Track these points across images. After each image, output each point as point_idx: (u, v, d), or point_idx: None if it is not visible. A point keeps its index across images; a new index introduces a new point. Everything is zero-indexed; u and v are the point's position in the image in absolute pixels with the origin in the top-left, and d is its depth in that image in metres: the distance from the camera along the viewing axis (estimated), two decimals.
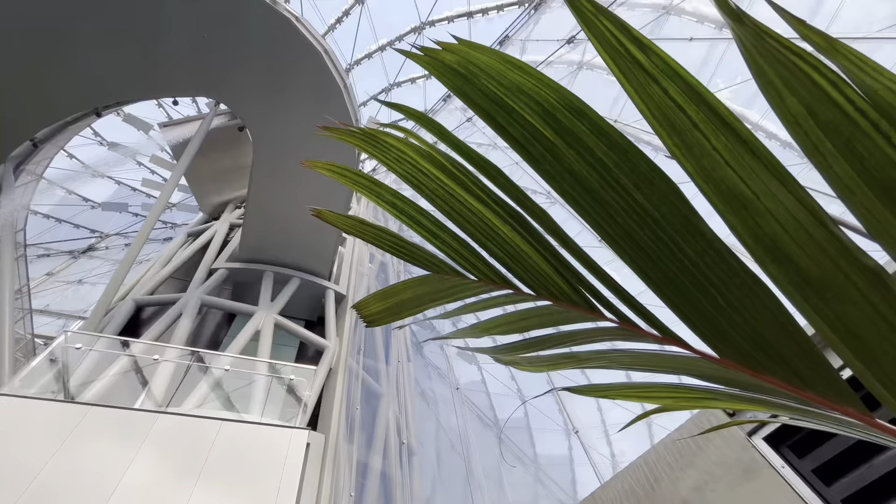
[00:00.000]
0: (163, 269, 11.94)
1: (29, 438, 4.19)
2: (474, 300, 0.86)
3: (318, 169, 0.92)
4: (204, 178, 15.16)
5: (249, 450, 4.93)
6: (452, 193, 0.75)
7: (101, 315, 8.25)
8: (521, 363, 0.99)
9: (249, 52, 9.69)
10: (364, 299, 1.10)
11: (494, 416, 21.07)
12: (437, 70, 0.63)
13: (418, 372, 18.23)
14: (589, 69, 15.28)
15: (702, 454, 2.15)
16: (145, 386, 7.31)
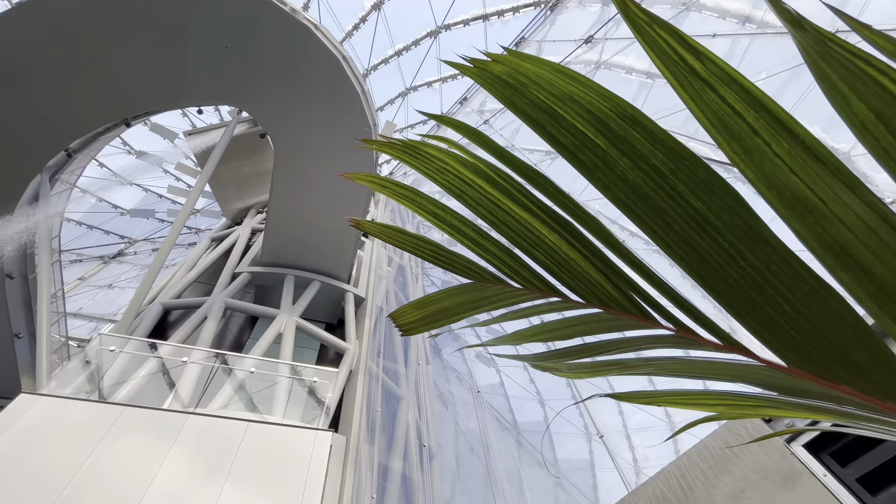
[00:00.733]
0: (188, 274, 12.27)
1: (68, 438, 4.37)
2: (517, 308, 0.86)
3: (359, 180, 0.94)
4: (226, 184, 15.56)
5: (275, 451, 5.02)
6: (497, 203, 0.76)
7: (132, 318, 8.53)
8: (562, 369, 0.99)
9: (270, 61, 9.91)
10: (400, 308, 1.11)
11: (513, 420, 20.93)
12: (486, 81, 0.63)
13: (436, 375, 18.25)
14: (607, 68, 15.11)
15: (737, 461, 2.09)
16: (173, 387, 7.52)
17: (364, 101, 10.74)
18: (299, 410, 7.83)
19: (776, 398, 0.61)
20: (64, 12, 8.72)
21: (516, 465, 19.01)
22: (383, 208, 18.40)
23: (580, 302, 0.73)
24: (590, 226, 0.67)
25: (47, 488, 3.90)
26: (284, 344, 9.90)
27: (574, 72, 0.59)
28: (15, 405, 4.50)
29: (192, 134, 14.97)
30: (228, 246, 13.62)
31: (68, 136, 10.11)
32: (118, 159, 18.54)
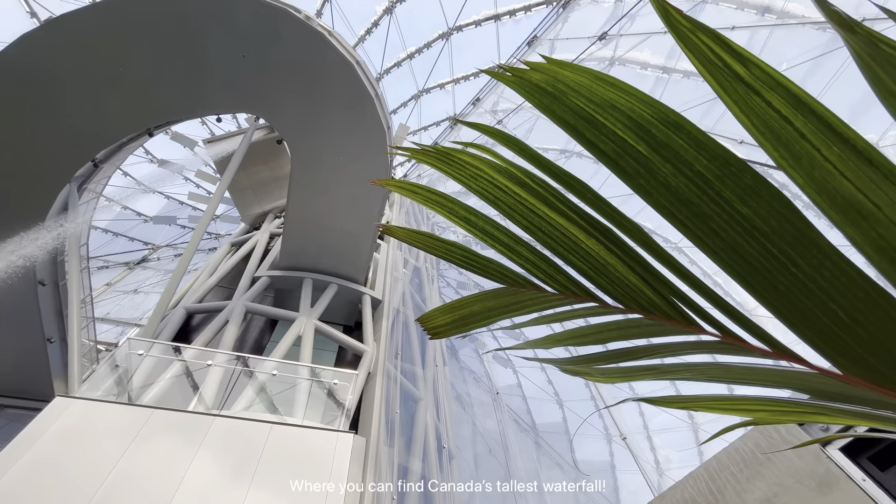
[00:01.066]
0: (210, 279, 12.54)
1: (101, 439, 4.52)
2: (551, 312, 0.86)
3: (390, 187, 0.95)
4: (244, 190, 15.87)
5: (298, 452, 5.10)
6: (532, 208, 0.76)
7: (157, 322, 8.76)
8: (593, 374, 0.98)
9: (286, 68, 10.08)
10: (428, 313, 1.12)
11: (532, 421, 20.78)
12: (525, 89, 0.64)
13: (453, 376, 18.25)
14: (621, 64, 14.91)
15: (770, 465, 2.04)
16: (197, 389, 7.69)
17: (378, 104, 10.83)
18: (319, 412, 7.93)
19: (827, 405, 0.60)
20: (88, 28, 9.03)
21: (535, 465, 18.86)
22: (398, 210, 18.50)
23: (619, 307, 0.72)
24: (629, 231, 0.67)
25: (82, 488, 4.04)
26: (304, 346, 10.04)
27: (614, 79, 0.59)
28: (51, 408, 4.68)
29: (210, 142, 15.33)
30: (248, 250, 13.89)
31: (95, 146, 10.45)
32: (141, 168, 19.16)
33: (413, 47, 17.96)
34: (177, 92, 10.21)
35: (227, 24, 9.41)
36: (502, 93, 16.95)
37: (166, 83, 9.98)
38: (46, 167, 10.08)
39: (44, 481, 4.04)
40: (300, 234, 12.14)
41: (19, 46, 9.02)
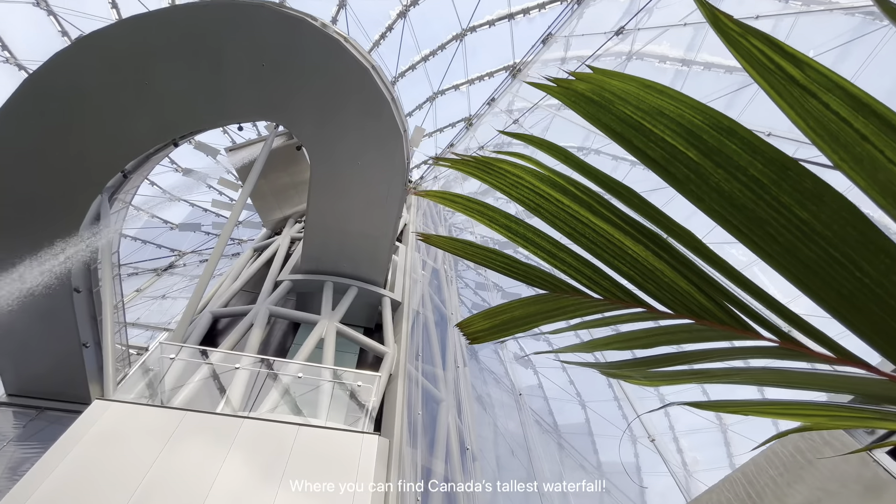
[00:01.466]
0: (234, 283, 12.85)
1: (137, 441, 4.69)
2: (595, 317, 0.86)
3: (430, 197, 0.97)
4: (266, 196, 16.21)
5: (325, 453, 5.18)
6: (575, 215, 0.76)
7: (186, 327, 9.02)
8: (636, 377, 0.98)
9: (304, 75, 10.26)
10: (468, 319, 1.13)
11: (553, 422, 20.57)
12: (570, 99, 0.64)
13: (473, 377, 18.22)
14: (639, 59, 14.65)
15: (812, 468, 1.97)
16: (224, 392, 7.88)
17: (394, 108, 10.92)
18: (342, 414, 8.03)
19: (885, 410, 0.59)
20: (116, 44, 9.38)
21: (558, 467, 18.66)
22: (415, 213, 18.59)
23: (668, 313, 0.72)
24: (679, 236, 0.67)
25: (122, 489, 4.20)
26: (326, 349, 10.18)
27: (663, 86, 0.59)
28: (90, 410, 4.88)
29: (232, 150, 15.72)
30: (270, 255, 14.17)
31: (124, 158, 10.84)
32: (167, 177, 19.83)
33: (427, 49, 18.05)
34: (200, 103, 10.51)
35: (247, 34, 9.64)
36: (517, 92, 16.87)
37: (190, 95, 10.28)
38: (79, 179, 10.50)
39: (86, 481, 4.22)
40: (320, 238, 12.33)
41: (52, 64, 9.43)
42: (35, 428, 12.31)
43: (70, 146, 10.04)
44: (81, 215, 10.87)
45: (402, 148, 11.18)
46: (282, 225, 16.45)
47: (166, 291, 20.59)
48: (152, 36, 9.49)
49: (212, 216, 22.88)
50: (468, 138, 18.64)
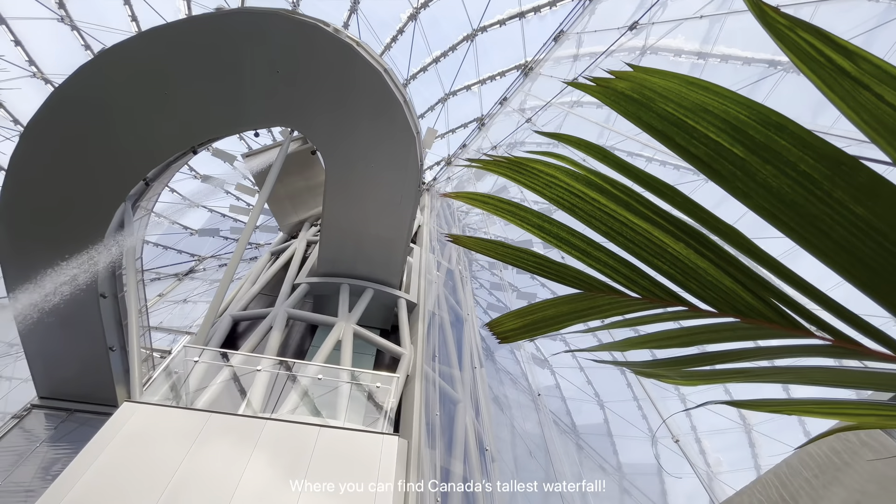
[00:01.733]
0: (252, 287, 13.07)
1: (165, 442, 4.82)
2: (632, 316, 0.86)
3: (460, 199, 0.97)
4: (282, 200, 16.46)
5: (346, 454, 5.23)
6: (612, 214, 0.76)
7: (207, 330, 9.21)
8: (672, 377, 0.96)
9: (318, 80, 10.39)
10: (498, 318, 1.13)
11: (571, 422, 20.38)
12: (610, 98, 0.64)
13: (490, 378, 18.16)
14: (653, 53, 14.43)
15: (850, 470, 1.91)
16: (245, 393, 8.02)
17: (406, 110, 10.97)
18: (360, 415, 8.09)
19: None
20: (137, 56, 9.65)
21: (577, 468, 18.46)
22: (428, 214, 18.64)
23: (712, 311, 0.71)
24: (724, 233, 0.66)
25: (150, 489, 4.32)
26: (344, 351, 10.28)
27: (707, 82, 0.59)
28: (120, 412, 5.03)
29: (248, 156, 16.00)
30: (287, 259, 14.38)
31: (145, 166, 11.13)
32: (186, 184, 20.33)
33: (438, 51, 18.10)
34: (217, 110, 10.73)
35: (262, 42, 9.80)
36: (529, 91, 16.78)
37: (208, 103, 10.51)
38: (103, 188, 10.82)
39: (117, 481, 4.35)
40: (336, 240, 12.46)
41: (76, 78, 9.74)
42: (66, 429, 12.70)
43: (95, 156, 10.36)
44: (106, 223, 11.19)
45: (415, 150, 11.23)
46: (298, 228, 16.67)
47: (187, 295, 21.10)
48: (170, 47, 9.73)
49: (230, 221, 23.37)
50: (480, 138, 18.61)
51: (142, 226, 12.57)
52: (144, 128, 10.45)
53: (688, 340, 0.81)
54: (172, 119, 10.51)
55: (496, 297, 21.40)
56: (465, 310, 14.85)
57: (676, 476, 15.31)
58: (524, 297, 21.38)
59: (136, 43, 9.83)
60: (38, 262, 10.66)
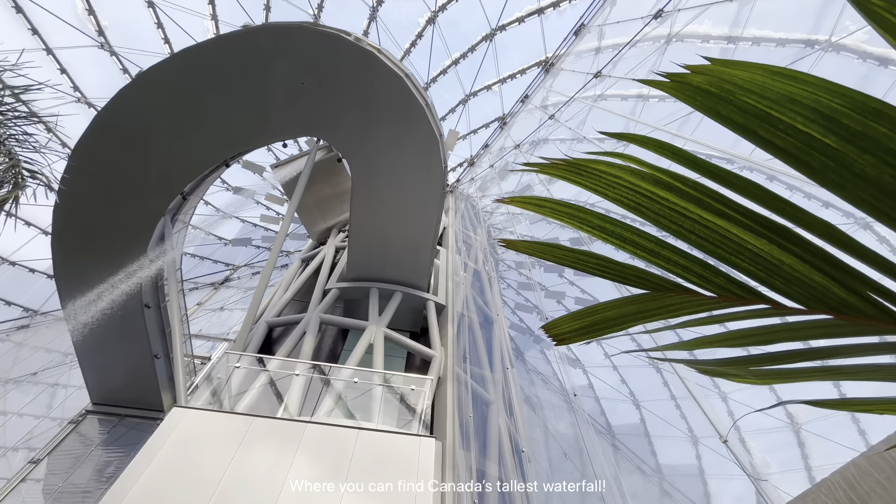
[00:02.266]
0: (285, 294, 13.43)
1: (213, 445, 5.01)
2: (705, 315, 0.83)
3: (515, 204, 0.97)
4: (310, 208, 16.85)
5: (384, 456, 5.30)
6: (683, 212, 0.74)
7: (245, 336, 9.52)
8: (745, 375, 0.93)
9: (341, 89, 10.59)
10: (554, 320, 1.12)
11: (606, 422, 19.93)
12: (684, 94, 0.63)
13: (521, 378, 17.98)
14: (679, 41, 13.99)
15: None
16: (282, 397, 8.24)
17: (429, 113, 11.04)
18: (394, 417, 8.17)
19: None
20: (171, 76, 10.10)
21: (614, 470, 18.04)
22: (453, 216, 18.67)
23: (800, 308, 0.68)
24: (810, 226, 0.63)
25: (201, 489, 4.50)
26: (376, 354, 10.41)
27: (794, 71, 0.56)
28: (170, 417, 5.28)
29: (277, 166, 16.47)
30: (317, 265, 14.70)
31: (182, 181, 11.62)
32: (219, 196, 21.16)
33: (457, 53, 18.13)
34: (247, 124, 11.10)
35: (287, 55, 10.08)
36: (551, 87, 16.57)
37: (238, 117, 10.89)
38: (144, 204, 11.36)
39: (170, 482, 4.56)
40: (364, 246, 12.65)
41: (117, 101, 10.27)
42: (117, 433, 13.38)
43: (136, 173, 10.90)
44: (148, 237, 11.75)
45: (438, 152, 11.28)
46: (326, 235, 17.02)
47: (224, 303, 21.90)
48: (201, 66, 10.14)
49: (261, 230, 24.15)
50: (503, 137, 18.51)
51: (180, 238, 13.13)
52: (180, 144, 10.92)
53: (766, 339, 0.78)
54: (206, 134, 10.94)
55: (524, 296, 21.20)
56: (494, 310, 14.78)
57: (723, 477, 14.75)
58: (552, 297, 21.09)
59: (169, 64, 10.29)
60: (88, 277, 11.29)
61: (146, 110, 10.37)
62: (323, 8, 17.92)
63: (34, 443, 14.29)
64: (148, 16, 16.72)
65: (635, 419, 19.60)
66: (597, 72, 13.94)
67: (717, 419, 12.21)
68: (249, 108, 10.80)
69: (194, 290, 22.13)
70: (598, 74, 13.90)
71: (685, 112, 14.94)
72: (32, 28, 14.91)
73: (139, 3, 16.40)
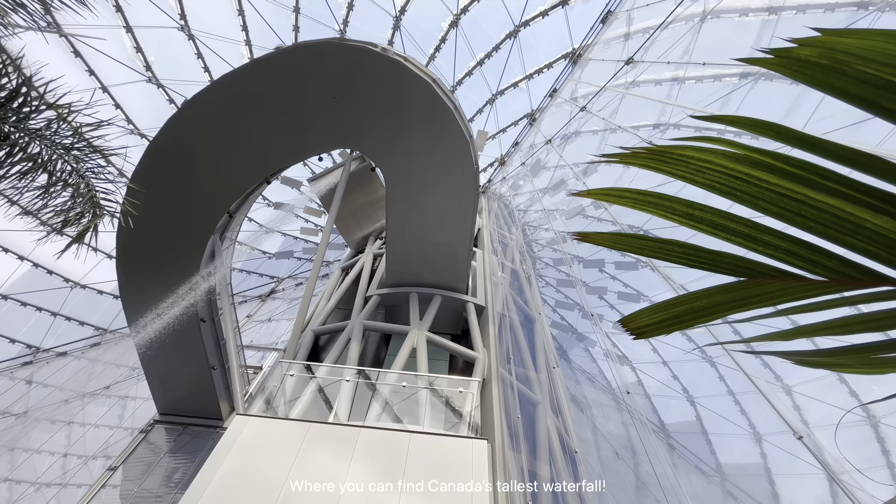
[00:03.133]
0: (329, 303, 13.83)
1: (274, 451, 5.24)
2: (812, 301, 0.78)
3: (594, 197, 0.96)
4: (346, 218, 17.30)
5: (438, 459, 5.33)
6: (787, 193, 0.70)
7: (295, 345, 9.88)
8: (852, 365, 0.87)
9: (371, 99, 10.83)
10: (634, 313, 1.09)
11: (659, 421, 19.14)
12: (792, 69, 0.60)
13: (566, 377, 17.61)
14: (715, 17, 13.33)
15: None
16: (332, 403, 8.47)
17: (457, 116, 11.09)
18: (440, 420, 8.21)
19: None
20: (212, 103, 10.68)
21: (670, 470, 17.30)
22: (486, 217, 18.60)
23: None
24: None
25: (267, 493, 4.70)
26: (419, 358, 10.52)
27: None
28: (234, 425, 5.56)
29: (313, 180, 17.03)
30: (356, 273, 15.05)
31: (228, 200, 12.24)
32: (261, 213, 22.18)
33: (482, 53, 18.11)
34: (285, 141, 11.56)
35: (318, 71, 10.43)
36: (580, 78, 16.20)
37: (276, 135, 11.36)
38: (195, 224, 12.05)
39: (239, 486, 4.80)
40: (401, 251, 12.84)
41: (166, 130, 10.98)
42: (182, 442, 14.19)
43: (187, 196, 11.59)
44: (200, 255, 12.44)
45: (469, 154, 11.29)
46: (363, 243, 17.40)
47: (271, 314, 22.86)
48: (239, 90, 10.66)
49: (301, 243, 25.08)
50: (533, 134, 18.27)
51: (229, 254, 13.81)
52: (225, 165, 11.52)
53: (886, 324, 0.73)
54: (247, 154, 11.49)
55: (564, 293, 20.77)
56: (535, 309, 14.57)
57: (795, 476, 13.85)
58: (594, 292, 20.52)
59: (210, 92, 10.88)
60: (149, 296, 12.09)
61: (192, 136, 11.02)
62: (348, 23, 18.43)
63: (110, 451, 15.43)
64: (189, 47, 17.81)
65: (690, 416, 18.72)
66: (628, 58, 13.50)
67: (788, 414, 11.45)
68: (286, 125, 11.25)
69: (243, 303, 23.25)
70: (629, 61, 13.46)
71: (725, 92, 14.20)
72: (89, 69, 16.22)
73: (180, 37, 17.49)
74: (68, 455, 16.92)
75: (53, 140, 3.08)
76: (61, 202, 3.30)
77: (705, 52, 13.38)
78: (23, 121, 3.00)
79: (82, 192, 3.25)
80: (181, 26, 17.05)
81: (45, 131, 3.11)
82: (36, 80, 3.18)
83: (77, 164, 3.16)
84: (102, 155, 3.33)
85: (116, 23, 15.72)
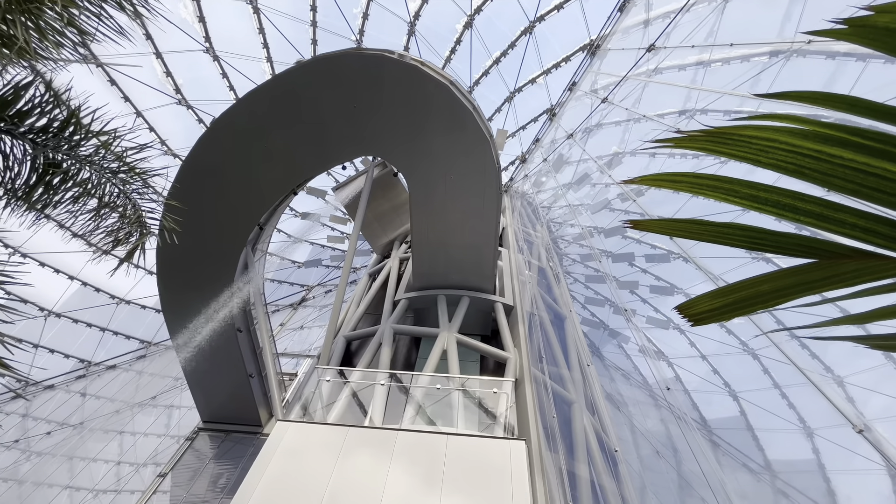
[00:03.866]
0: (358, 309, 14.04)
1: (316, 455, 5.36)
2: (889, 282, 0.75)
3: (647, 183, 0.94)
4: (370, 224, 17.55)
5: (476, 460, 5.32)
6: (865, 169, 0.67)
7: (328, 351, 10.07)
8: None
9: (391, 106, 10.96)
10: (691, 300, 1.07)
11: (700, 417, 18.45)
12: (868, 38, 0.57)
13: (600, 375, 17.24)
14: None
15: None
16: (367, 407, 8.58)
17: (476, 117, 11.08)
18: (475, 422, 8.18)
19: None
20: (238, 120, 11.06)
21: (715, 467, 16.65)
22: (510, 216, 18.48)
23: None
24: None
25: (311, 496, 4.81)
26: (450, 360, 10.53)
27: None
28: (276, 431, 5.73)
29: (337, 188, 17.36)
30: (384, 278, 15.23)
31: (258, 212, 12.63)
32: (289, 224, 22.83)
33: (498, 51, 18.04)
34: (309, 152, 11.84)
35: (338, 82, 10.64)
36: (599, 69, 15.90)
37: (300, 147, 11.66)
38: (228, 238, 12.49)
39: (283, 490, 4.93)
40: (427, 255, 12.91)
41: (197, 149, 11.43)
42: (225, 448, 14.69)
43: (219, 211, 12.03)
44: (234, 267, 12.89)
45: (490, 154, 11.26)
46: (389, 248, 17.60)
47: (303, 322, 23.44)
48: (263, 105, 11.00)
49: (328, 251, 25.66)
50: (553, 129, 18.04)
51: (261, 265, 14.24)
52: (253, 179, 11.90)
53: None
54: (274, 167, 11.83)
55: (593, 289, 20.36)
56: (564, 307, 14.35)
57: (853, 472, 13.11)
58: (624, 287, 20.03)
59: (236, 109, 11.27)
60: (188, 310, 12.60)
61: (221, 153, 11.44)
62: (364, 32, 18.73)
63: (159, 458, 16.13)
64: (214, 68, 18.52)
65: (734, 412, 17.95)
66: (649, 45, 13.16)
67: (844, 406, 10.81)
68: (309, 136, 11.53)
69: (276, 311, 23.91)
70: (651, 48, 13.12)
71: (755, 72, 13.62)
72: (124, 96, 17.11)
73: (206, 59, 18.21)
74: (121, 463, 17.81)
75: (101, 165, 3.28)
76: (111, 223, 3.51)
77: (731, 33, 12.88)
78: (74, 148, 3.20)
79: (129, 213, 3.45)
80: (206, 48, 17.76)
81: (93, 157, 3.32)
82: (83, 110, 3.39)
83: (124, 186, 3.36)
84: (146, 177, 3.52)
85: (148, 50, 16.52)
